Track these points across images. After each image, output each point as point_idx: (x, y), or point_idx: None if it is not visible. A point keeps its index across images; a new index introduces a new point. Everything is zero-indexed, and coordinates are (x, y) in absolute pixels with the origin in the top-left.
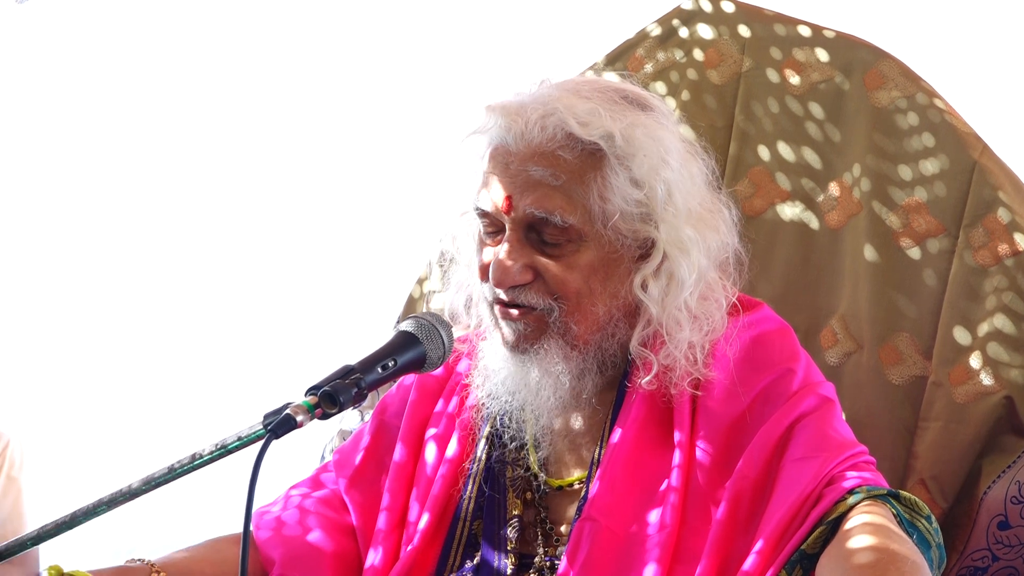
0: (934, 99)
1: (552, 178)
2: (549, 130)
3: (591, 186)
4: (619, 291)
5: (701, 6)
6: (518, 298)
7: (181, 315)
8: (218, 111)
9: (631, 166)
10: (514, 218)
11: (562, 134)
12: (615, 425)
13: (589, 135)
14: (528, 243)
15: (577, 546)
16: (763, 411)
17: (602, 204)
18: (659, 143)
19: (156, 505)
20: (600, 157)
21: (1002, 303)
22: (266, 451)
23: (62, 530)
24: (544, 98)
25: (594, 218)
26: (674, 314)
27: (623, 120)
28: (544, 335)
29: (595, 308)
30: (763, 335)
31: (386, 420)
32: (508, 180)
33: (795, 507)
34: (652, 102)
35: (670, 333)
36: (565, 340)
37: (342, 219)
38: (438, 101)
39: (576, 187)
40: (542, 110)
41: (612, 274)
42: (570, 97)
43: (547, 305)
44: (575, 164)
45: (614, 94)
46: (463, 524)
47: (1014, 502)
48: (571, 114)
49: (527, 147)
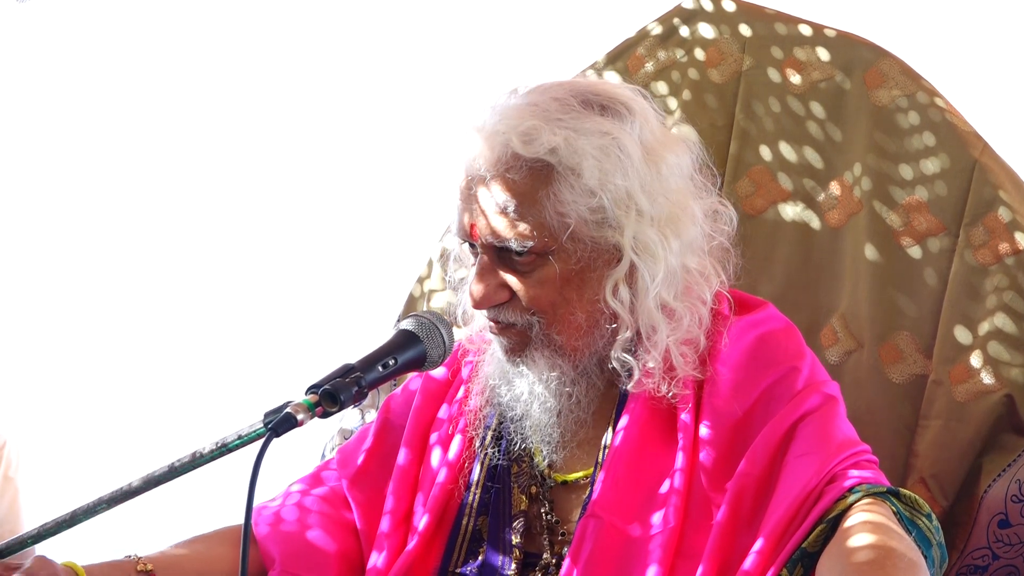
0: (935, 98)
1: (506, 203)
2: (496, 152)
3: (544, 204)
4: (597, 296)
5: (702, 5)
6: (499, 316)
7: (181, 315)
8: (218, 112)
9: (581, 174)
10: (481, 244)
11: (507, 155)
12: (618, 426)
13: (533, 152)
14: (500, 262)
15: (581, 544)
16: (767, 409)
17: (559, 218)
18: (611, 147)
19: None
20: (549, 172)
21: (1003, 302)
22: (266, 449)
23: (62, 528)
24: (497, 116)
25: (554, 233)
26: (648, 317)
27: (568, 130)
28: (529, 346)
29: (575, 317)
30: (768, 334)
31: (390, 420)
32: (470, 208)
33: (796, 505)
34: (618, 101)
35: (648, 336)
36: (551, 350)
37: (342, 219)
38: (438, 101)
39: (529, 207)
40: (489, 132)
41: (586, 282)
42: (518, 114)
43: (525, 321)
44: (525, 184)
45: (573, 99)
46: (467, 521)
47: (1014, 500)
48: (514, 134)
49: (487, 171)
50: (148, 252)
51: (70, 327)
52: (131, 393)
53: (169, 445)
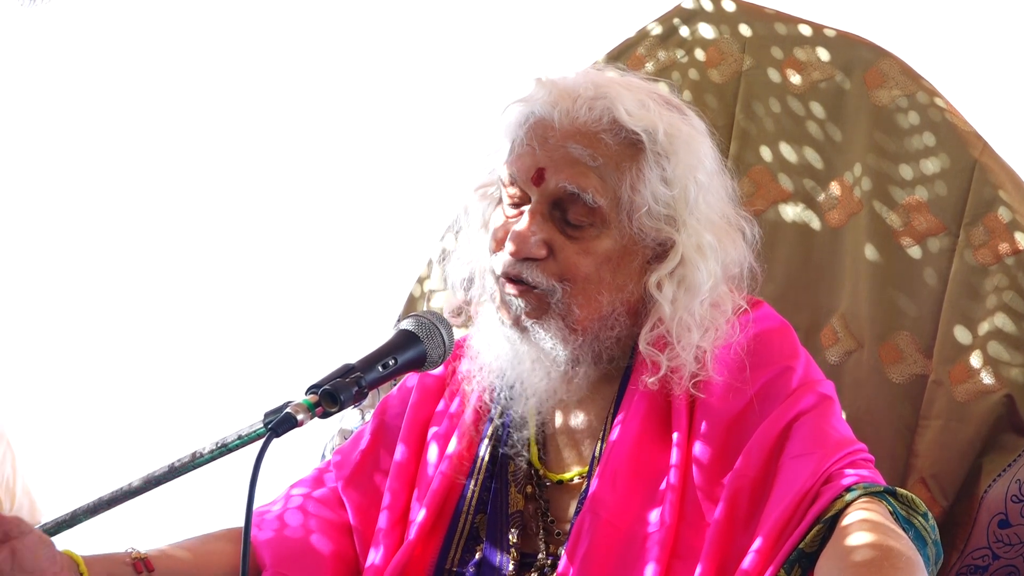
0: (935, 98)
1: (590, 158)
2: (596, 112)
3: (625, 174)
4: (626, 285)
5: (702, 5)
6: (523, 273)
7: (181, 314)
8: (219, 113)
9: (666, 165)
10: (542, 191)
11: (608, 118)
12: (615, 422)
13: (634, 125)
14: (551, 219)
15: (577, 541)
16: (762, 408)
17: (632, 195)
18: (696, 149)
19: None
20: (639, 149)
21: (1002, 302)
22: (267, 450)
23: (62, 528)
24: (595, 81)
25: (621, 207)
26: (685, 318)
27: (667, 119)
28: (545, 315)
29: (600, 296)
30: (763, 333)
31: (387, 421)
32: (545, 153)
33: (793, 505)
34: (690, 112)
35: (679, 336)
36: (565, 323)
37: (342, 219)
38: (438, 100)
39: (611, 172)
40: (593, 92)
41: (624, 267)
42: (620, 87)
43: (550, 286)
44: (614, 150)
45: (658, 96)
46: (465, 518)
47: (1014, 500)
48: (620, 101)
49: (571, 124)
50: (149, 253)
51: (70, 328)
52: (131, 393)
53: (169, 445)
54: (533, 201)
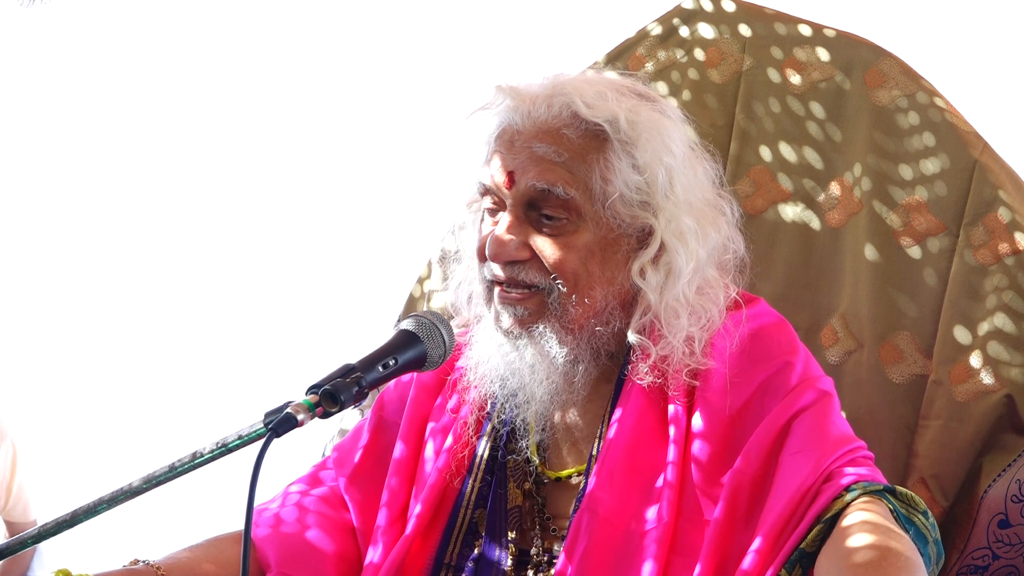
0: (935, 98)
1: (555, 154)
2: (555, 109)
3: (593, 165)
4: (616, 277)
5: (702, 5)
6: (518, 276)
7: (182, 315)
8: (219, 113)
9: (633, 151)
10: (515, 193)
11: (567, 113)
12: (612, 420)
13: (594, 116)
14: (527, 221)
15: (576, 539)
16: (762, 405)
17: (603, 185)
18: (662, 132)
19: (157, 504)
20: (604, 139)
21: (1002, 302)
22: (267, 450)
23: (62, 528)
24: (554, 81)
25: (594, 197)
26: (672, 304)
27: (628, 106)
28: (542, 317)
29: (593, 292)
30: (761, 328)
31: (385, 417)
32: (511, 157)
33: (793, 503)
34: (662, 103)
35: (668, 323)
36: (562, 323)
37: (342, 219)
38: (438, 101)
39: (578, 164)
40: (551, 91)
41: (610, 258)
42: (579, 82)
43: (547, 284)
44: (578, 143)
45: (627, 89)
46: (464, 513)
47: (1014, 500)
48: (578, 95)
49: (532, 125)
50: (150, 254)
51: (71, 328)
52: (132, 393)
53: (169, 445)
54: (509, 205)
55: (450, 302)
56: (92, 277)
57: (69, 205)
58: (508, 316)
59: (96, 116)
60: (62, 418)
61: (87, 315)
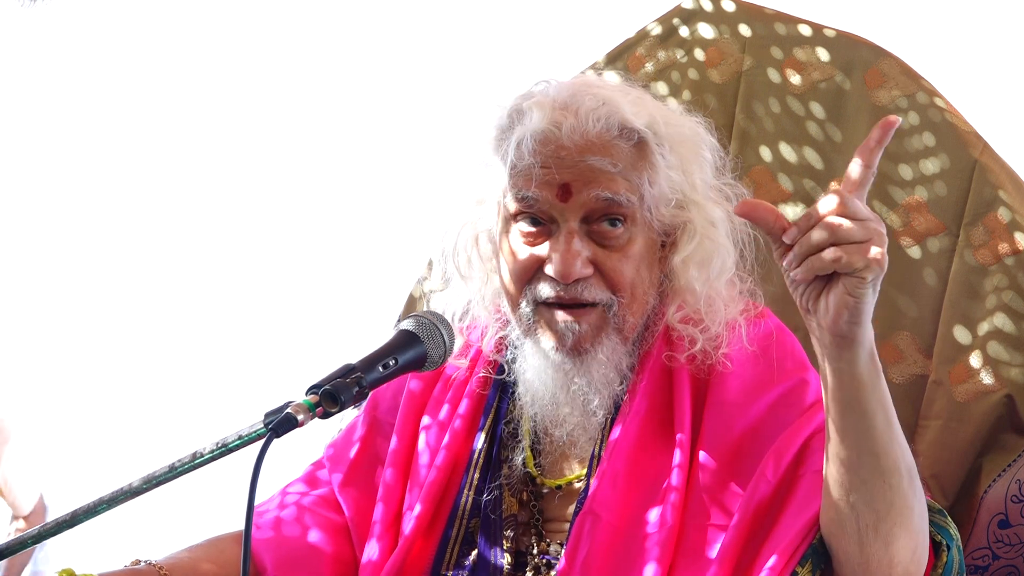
0: (935, 98)
1: (611, 165)
2: (603, 121)
3: (643, 172)
4: (656, 278)
5: (702, 5)
6: (581, 294)
7: (182, 315)
8: (220, 114)
9: (672, 153)
10: (571, 206)
11: (615, 122)
12: (616, 422)
13: (639, 124)
14: (586, 235)
15: (578, 542)
16: (776, 420)
17: (651, 190)
18: (687, 129)
19: (157, 504)
20: (645, 145)
21: (1002, 302)
22: (267, 450)
23: (62, 529)
24: (591, 92)
25: (645, 204)
26: (711, 294)
27: (658, 109)
28: (603, 332)
29: (647, 296)
30: (776, 339)
31: (379, 416)
32: (565, 170)
33: (809, 523)
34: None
35: (708, 312)
36: (620, 335)
37: (342, 220)
38: (438, 101)
39: (631, 173)
40: (592, 102)
41: (652, 261)
42: (612, 90)
43: (608, 299)
44: (629, 152)
45: (642, 90)
46: (460, 522)
47: (1014, 501)
48: (622, 104)
49: (583, 138)
50: (151, 255)
51: (72, 329)
52: (132, 393)
53: (169, 445)
54: (563, 220)
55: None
56: (93, 277)
57: (70, 205)
58: (569, 334)
59: (97, 116)
60: (63, 418)
61: (88, 315)
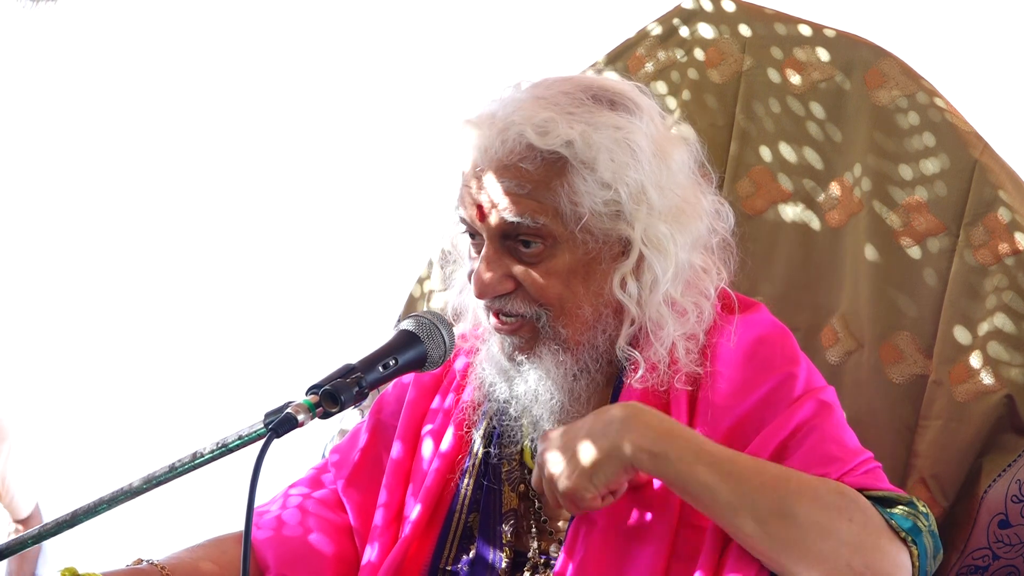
0: (935, 98)
1: (518, 187)
2: (509, 143)
3: (558, 191)
4: (602, 290)
5: (702, 5)
6: (505, 307)
7: (182, 315)
8: (221, 116)
9: (596, 168)
10: (488, 227)
11: (521, 146)
12: None
13: (548, 144)
14: (505, 252)
15: (574, 545)
16: (763, 415)
17: (573, 208)
18: (624, 141)
19: (157, 504)
20: (563, 164)
21: (1002, 302)
22: (267, 450)
23: (63, 529)
24: (508, 108)
25: (566, 221)
26: (655, 312)
27: (583, 124)
28: (537, 343)
29: (581, 310)
30: (766, 336)
31: (383, 419)
32: (479, 192)
33: None
34: (626, 97)
35: (654, 331)
36: (557, 344)
37: (342, 219)
38: (439, 101)
39: (543, 192)
40: (501, 124)
41: (592, 274)
42: (531, 106)
43: (534, 312)
44: (539, 174)
45: (582, 94)
46: (459, 517)
47: (1015, 501)
48: (529, 125)
49: (493, 159)
50: (151, 254)
51: (72, 329)
52: (132, 393)
53: (169, 445)
54: (486, 238)
55: (450, 308)
56: (93, 277)
57: (71, 205)
58: (506, 345)
59: (99, 116)
60: (63, 418)
61: (88, 315)
